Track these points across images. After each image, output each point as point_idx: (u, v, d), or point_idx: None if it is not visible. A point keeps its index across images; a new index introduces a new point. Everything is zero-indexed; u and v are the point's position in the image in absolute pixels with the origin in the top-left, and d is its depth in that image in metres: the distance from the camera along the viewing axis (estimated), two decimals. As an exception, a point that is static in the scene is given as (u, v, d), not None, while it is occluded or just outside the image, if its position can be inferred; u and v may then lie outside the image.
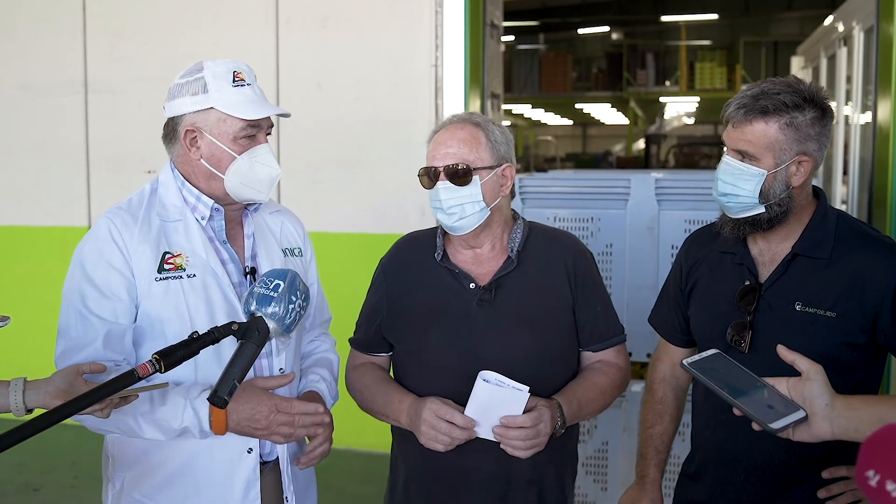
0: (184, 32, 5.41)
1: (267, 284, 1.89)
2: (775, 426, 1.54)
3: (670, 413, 2.45)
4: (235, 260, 2.23)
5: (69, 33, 5.66)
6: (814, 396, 1.57)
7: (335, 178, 5.22)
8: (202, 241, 2.17)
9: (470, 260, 2.31)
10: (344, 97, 5.18)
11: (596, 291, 2.35)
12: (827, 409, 1.56)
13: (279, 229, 2.38)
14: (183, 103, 2.15)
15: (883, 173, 4.73)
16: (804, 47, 8.97)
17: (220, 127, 2.14)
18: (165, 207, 2.19)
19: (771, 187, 2.07)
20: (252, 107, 2.15)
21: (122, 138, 5.61)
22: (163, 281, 2.11)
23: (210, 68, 2.15)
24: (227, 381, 1.75)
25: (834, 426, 1.55)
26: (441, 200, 2.20)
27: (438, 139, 2.25)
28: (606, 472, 3.97)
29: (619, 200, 3.95)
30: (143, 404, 2.04)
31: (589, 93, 21.64)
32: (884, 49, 4.77)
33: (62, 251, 2.19)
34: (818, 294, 2.09)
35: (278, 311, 1.86)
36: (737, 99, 2.09)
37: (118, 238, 2.11)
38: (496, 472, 2.24)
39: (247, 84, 2.17)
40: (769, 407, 1.57)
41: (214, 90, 2.13)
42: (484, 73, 5.32)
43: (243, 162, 2.15)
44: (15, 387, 1.88)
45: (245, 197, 2.20)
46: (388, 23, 5.08)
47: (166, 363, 1.73)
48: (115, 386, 1.66)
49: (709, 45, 21.53)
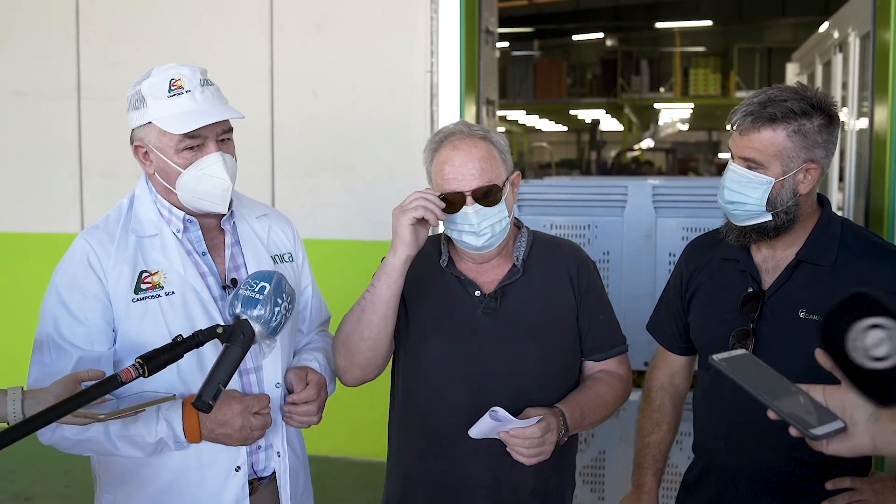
0: (178, 38, 5.38)
1: (252, 286, 1.86)
2: (817, 432, 1.42)
3: (668, 422, 2.43)
4: (215, 272, 2.17)
5: (62, 39, 5.61)
6: (856, 406, 1.44)
7: (330, 184, 5.19)
8: (179, 255, 2.11)
9: (475, 268, 2.28)
10: (339, 103, 5.15)
11: (599, 300, 2.33)
12: (870, 421, 1.43)
13: (266, 235, 2.31)
14: (130, 117, 2.10)
15: (880, 180, 4.72)
16: (799, 54, 8.97)
17: (161, 141, 2.06)
18: (141, 223, 2.13)
19: (778, 195, 2.06)
20: (187, 118, 2.03)
21: (116, 144, 5.52)
22: (140, 302, 2.06)
23: (150, 78, 2.07)
24: (212, 386, 1.73)
25: (876, 440, 1.44)
26: (472, 224, 2.14)
27: (455, 161, 2.16)
28: (604, 481, 3.94)
29: (617, 207, 3.93)
30: (115, 423, 1.99)
31: (583, 99, 21.68)
32: (880, 55, 4.76)
33: (55, 258, 2.15)
34: (822, 302, 2.06)
35: (264, 313, 1.84)
36: (743, 106, 2.07)
37: (94, 260, 2.06)
38: (499, 481, 2.22)
39: (185, 91, 2.04)
40: (807, 413, 1.46)
41: (151, 103, 2.04)
42: (479, 80, 5.29)
43: (189, 176, 2.06)
44: (13, 396, 1.84)
45: (203, 209, 2.13)
46: (384, 28, 5.05)
47: (149, 367, 1.70)
48: (98, 391, 1.64)
49: (703, 51, 21.62)
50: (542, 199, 4.11)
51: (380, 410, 2.52)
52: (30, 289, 5.69)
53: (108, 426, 1.99)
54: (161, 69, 2.08)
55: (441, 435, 2.22)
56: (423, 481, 2.28)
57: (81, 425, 1.90)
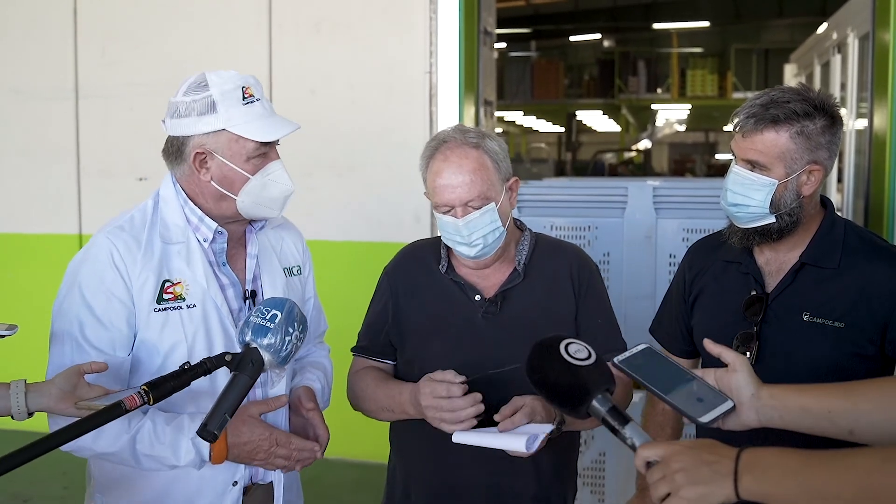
0: (176, 37, 5.35)
1: (263, 314, 1.80)
2: (703, 419, 1.55)
3: (672, 425, 2.42)
4: (235, 283, 2.15)
5: (60, 37, 5.59)
6: (740, 387, 1.60)
7: (328, 184, 5.17)
8: (203, 266, 2.08)
9: (475, 272, 2.27)
10: (337, 103, 5.14)
11: (598, 303, 2.31)
12: (753, 399, 1.59)
13: (280, 246, 2.29)
14: (190, 123, 2.03)
15: (879, 181, 4.72)
16: (797, 54, 8.98)
17: (232, 148, 2.03)
18: (168, 228, 2.09)
19: (782, 197, 2.04)
20: (265, 126, 2.05)
21: (114, 144, 5.55)
22: (161, 312, 2.03)
23: (217, 85, 2.02)
24: (218, 415, 1.67)
25: (760, 414, 1.59)
26: (463, 236, 2.13)
27: (444, 173, 2.14)
28: (604, 483, 3.93)
29: (617, 209, 3.92)
30: (143, 441, 1.98)
31: (581, 100, 21.66)
32: (880, 56, 4.76)
33: (52, 259, 2.13)
34: (826, 304, 2.06)
35: (274, 342, 1.77)
36: (745, 108, 2.06)
37: (120, 263, 2.02)
38: (499, 487, 2.20)
39: (256, 100, 2.05)
40: (699, 400, 1.58)
41: (224, 110, 2.00)
42: (479, 80, 5.28)
43: (256, 182, 2.06)
44: (16, 389, 1.82)
45: (257, 215, 2.13)
46: (383, 28, 5.04)
47: (155, 395, 1.65)
48: (101, 419, 1.58)
49: (700, 52, 21.59)
50: (541, 201, 4.10)
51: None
52: (27, 289, 5.70)
53: (135, 444, 1.97)
54: (221, 77, 2.04)
55: (442, 441, 2.20)
56: (424, 487, 2.27)
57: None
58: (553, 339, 1.62)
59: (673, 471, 1.41)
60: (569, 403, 1.60)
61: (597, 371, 1.59)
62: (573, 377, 1.57)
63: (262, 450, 2.04)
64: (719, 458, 1.40)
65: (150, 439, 1.98)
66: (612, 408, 1.57)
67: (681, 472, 1.40)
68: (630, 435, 1.53)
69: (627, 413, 1.58)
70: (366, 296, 2.44)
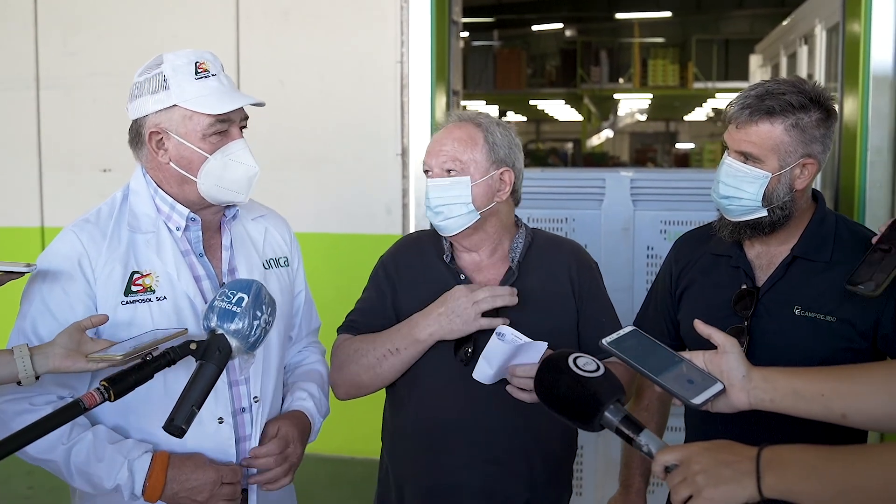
0: (140, 26, 5.24)
1: (229, 298, 1.71)
2: (696, 401, 1.56)
3: (656, 420, 2.39)
4: (212, 275, 2.07)
5: (20, 26, 5.45)
6: (731, 369, 1.61)
7: (299, 176, 5.09)
8: (174, 256, 2.00)
9: (471, 266, 2.24)
10: (307, 93, 5.06)
11: (601, 304, 2.30)
12: (744, 381, 1.60)
13: (262, 238, 2.22)
14: (144, 103, 1.97)
15: (850, 173, 4.73)
16: (763, 45, 9.03)
17: (185, 125, 1.96)
18: (137, 217, 2.02)
19: (774, 190, 2.02)
20: (219, 100, 1.96)
21: (77, 136, 5.42)
22: (129, 305, 1.95)
23: (170, 61, 1.96)
24: (185, 408, 1.60)
25: (751, 397, 1.59)
26: (430, 199, 2.15)
27: (436, 137, 2.21)
28: (581, 476, 3.92)
29: (594, 200, 3.89)
30: (80, 454, 1.89)
31: (543, 89, 21.69)
32: (850, 47, 4.77)
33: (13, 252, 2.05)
34: (818, 298, 2.04)
35: (241, 327, 1.69)
36: (740, 99, 2.03)
37: (83, 258, 1.95)
38: (491, 491, 2.17)
39: (211, 74, 1.98)
40: (689, 382, 1.59)
41: (175, 85, 1.94)
42: (450, 70, 5.24)
43: (216, 161, 1.98)
44: (20, 354, 1.76)
45: (222, 199, 2.04)
46: (353, 18, 4.96)
47: (115, 391, 1.57)
48: (58, 419, 1.51)
49: (661, 42, 21.74)
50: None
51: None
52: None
53: (70, 455, 1.89)
54: (176, 54, 1.98)
55: (435, 442, 2.17)
56: (416, 488, 2.23)
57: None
58: (561, 354, 1.63)
59: (693, 472, 1.41)
60: (581, 416, 1.60)
61: (607, 382, 1.60)
62: (583, 389, 1.59)
63: (205, 489, 1.93)
64: (739, 458, 1.41)
65: (87, 454, 1.90)
66: (626, 417, 1.57)
67: (702, 474, 1.40)
68: (645, 442, 1.54)
69: (640, 421, 1.58)
70: (337, 288, 2.40)
